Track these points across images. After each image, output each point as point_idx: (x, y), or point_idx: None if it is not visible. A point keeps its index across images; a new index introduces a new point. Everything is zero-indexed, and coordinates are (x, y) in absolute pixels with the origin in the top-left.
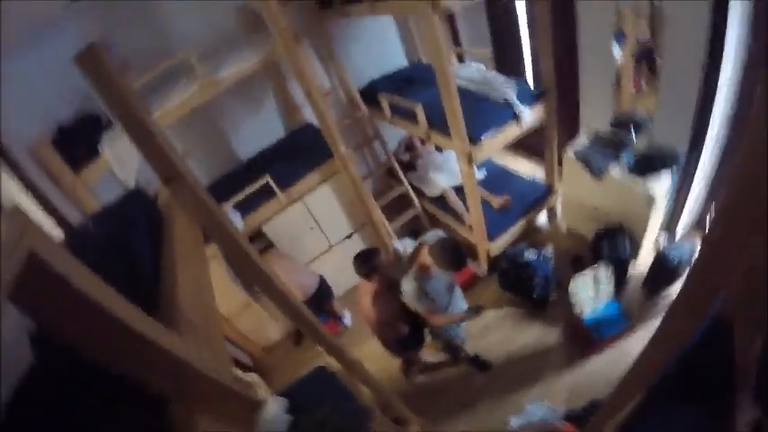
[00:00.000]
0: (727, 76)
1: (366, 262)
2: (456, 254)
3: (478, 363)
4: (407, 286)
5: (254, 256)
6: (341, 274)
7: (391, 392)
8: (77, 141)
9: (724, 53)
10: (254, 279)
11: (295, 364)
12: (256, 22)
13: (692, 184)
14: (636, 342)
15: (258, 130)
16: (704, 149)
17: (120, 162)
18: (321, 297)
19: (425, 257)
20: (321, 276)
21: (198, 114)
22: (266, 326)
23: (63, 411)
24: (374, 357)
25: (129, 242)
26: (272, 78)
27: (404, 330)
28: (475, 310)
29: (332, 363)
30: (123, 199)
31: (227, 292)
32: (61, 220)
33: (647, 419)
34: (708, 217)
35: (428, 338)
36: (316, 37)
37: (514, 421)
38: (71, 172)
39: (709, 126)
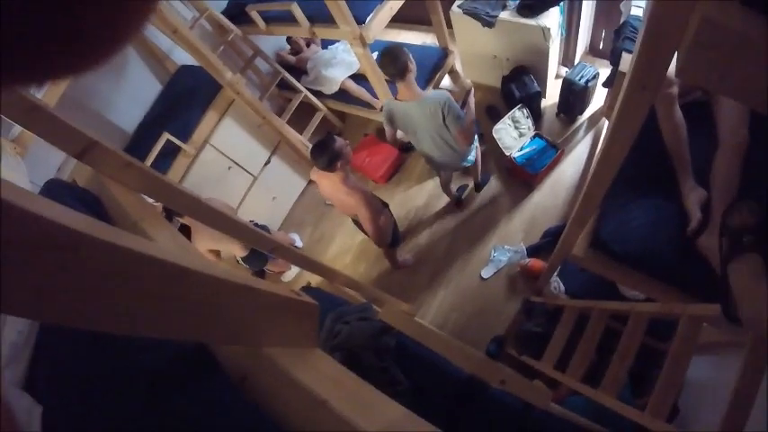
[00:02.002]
0: None
1: (325, 151)
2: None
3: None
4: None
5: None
6: (275, 201)
7: (373, 287)
8: None
9: None
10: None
11: None
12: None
13: (581, 12)
14: (568, 166)
15: (134, 95)
16: None
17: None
18: None
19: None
20: (250, 221)
21: (65, 102)
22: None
23: None
24: (341, 260)
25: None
26: None
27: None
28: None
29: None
30: (42, 190)
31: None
32: None
33: (612, 218)
34: (600, 41)
35: None
36: None
37: (485, 272)
38: None
39: None
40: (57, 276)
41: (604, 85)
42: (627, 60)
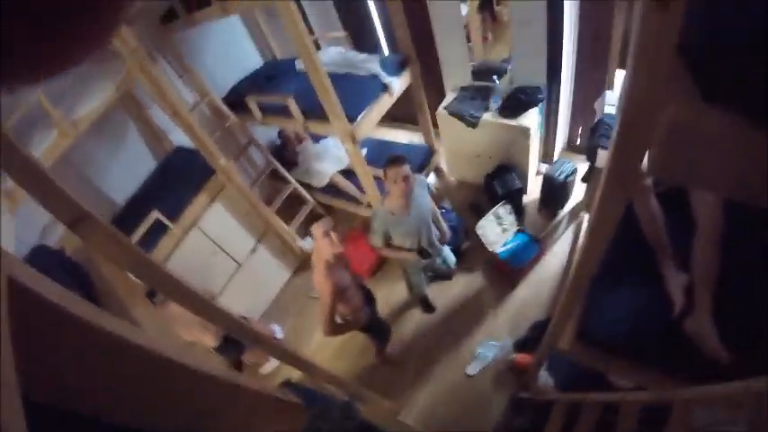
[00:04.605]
0: (570, 11)
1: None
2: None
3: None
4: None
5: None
6: (259, 290)
7: (356, 383)
8: None
9: None
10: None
11: None
12: (103, 53)
13: (558, 112)
14: (551, 259)
15: (128, 168)
16: (562, 79)
17: None
18: None
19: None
20: None
21: (59, 167)
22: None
23: None
24: (321, 353)
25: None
26: (131, 109)
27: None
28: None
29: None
30: (30, 257)
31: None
32: None
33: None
34: (577, 138)
35: None
36: (166, 53)
37: (470, 369)
38: None
39: (562, 57)
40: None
41: (583, 180)
42: (602, 157)
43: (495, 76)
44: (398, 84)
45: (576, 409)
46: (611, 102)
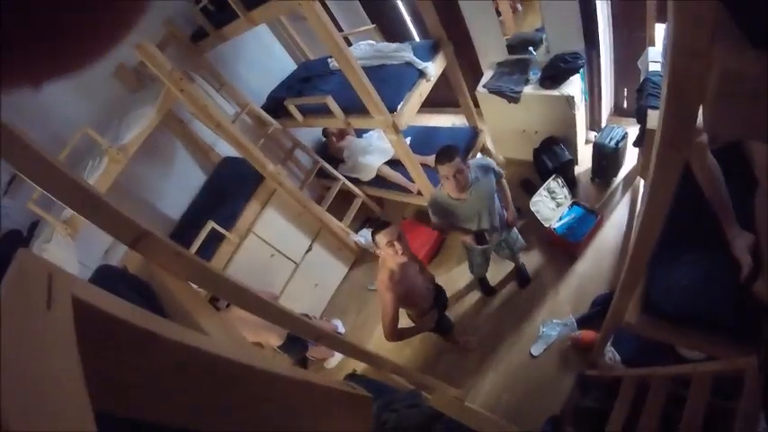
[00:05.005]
0: None
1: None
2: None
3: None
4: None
5: (243, 286)
6: (318, 288)
7: (420, 372)
8: (4, 262)
9: None
10: (251, 307)
11: None
12: (138, 78)
13: (601, 76)
14: (609, 230)
15: (180, 183)
16: (600, 41)
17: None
18: None
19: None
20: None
21: (113, 192)
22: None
23: None
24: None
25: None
26: (175, 128)
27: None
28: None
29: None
30: (94, 278)
31: None
32: None
33: (660, 279)
34: (623, 101)
35: None
36: (201, 70)
37: (535, 349)
38: None
39: (598, 17)
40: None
41: (635, 144)
42: (653, 117)
43: (530, 48)
44: (434, 68)
45: (645, 385)
46: (654, 58)
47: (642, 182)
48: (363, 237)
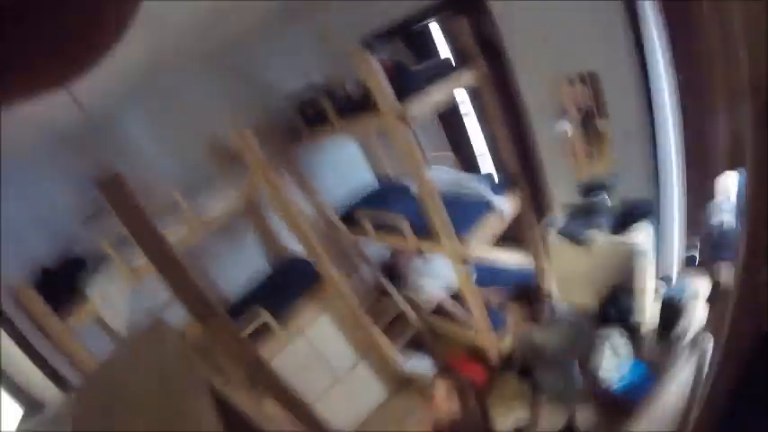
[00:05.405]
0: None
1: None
2: None
3: None
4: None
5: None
6: (353, 407)
7: None
8: (61, 285)
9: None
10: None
11: None
12: (229, 157)
13: (673, 225)
14: (671, 393)
15: (243, 267)
16: (672, 190)
17: (110, 306)
18: None
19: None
20: None
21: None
22: None
23: None
24: None
25: None
26: (252, 214)
27: None
28: None
29: None
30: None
31: None
32: (53, 374)
33: None
34: (695, 251)
35: None
36: (287, 166)
37: None
38: (55, 317)
39: (670, 167)
40: None
41: (708, 300)
42: (726, 271)
43: (602, 192)
44: (507, 204)
45: None
46: (726, 209)
47: (711, 342)
48: (412, 365)
